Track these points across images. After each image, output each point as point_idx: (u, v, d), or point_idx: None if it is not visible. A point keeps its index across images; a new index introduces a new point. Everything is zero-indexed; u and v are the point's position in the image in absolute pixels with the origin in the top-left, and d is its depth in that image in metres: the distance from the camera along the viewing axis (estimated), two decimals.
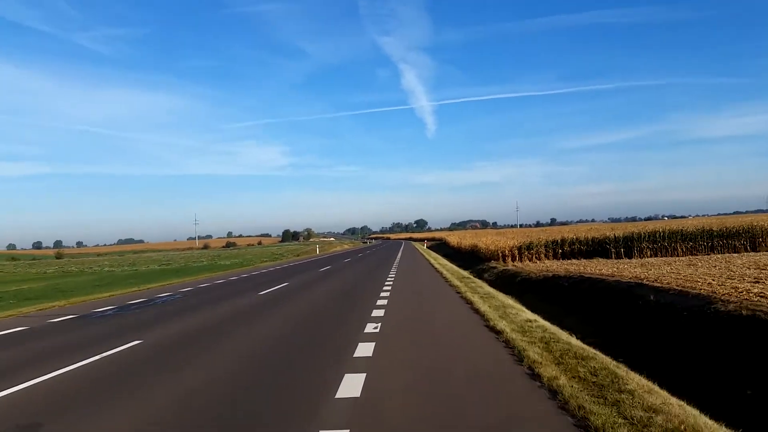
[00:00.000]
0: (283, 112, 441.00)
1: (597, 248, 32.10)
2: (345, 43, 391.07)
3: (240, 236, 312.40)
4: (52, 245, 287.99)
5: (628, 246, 30.36)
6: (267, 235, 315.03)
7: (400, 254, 46.29)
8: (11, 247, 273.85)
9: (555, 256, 32.59)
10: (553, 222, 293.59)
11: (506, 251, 32.68)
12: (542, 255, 32.55)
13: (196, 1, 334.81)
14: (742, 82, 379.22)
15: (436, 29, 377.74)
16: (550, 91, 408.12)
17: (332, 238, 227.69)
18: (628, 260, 28.00)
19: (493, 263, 31.52)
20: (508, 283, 23.27)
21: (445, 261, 36.56)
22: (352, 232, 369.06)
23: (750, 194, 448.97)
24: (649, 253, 29.78)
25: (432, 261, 33.49)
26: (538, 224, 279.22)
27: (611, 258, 29.95)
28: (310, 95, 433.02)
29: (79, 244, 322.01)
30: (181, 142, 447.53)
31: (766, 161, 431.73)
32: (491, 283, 24.35)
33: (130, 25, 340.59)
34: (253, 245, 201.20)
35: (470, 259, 41.86)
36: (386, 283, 18.86)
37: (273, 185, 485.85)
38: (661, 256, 29.10)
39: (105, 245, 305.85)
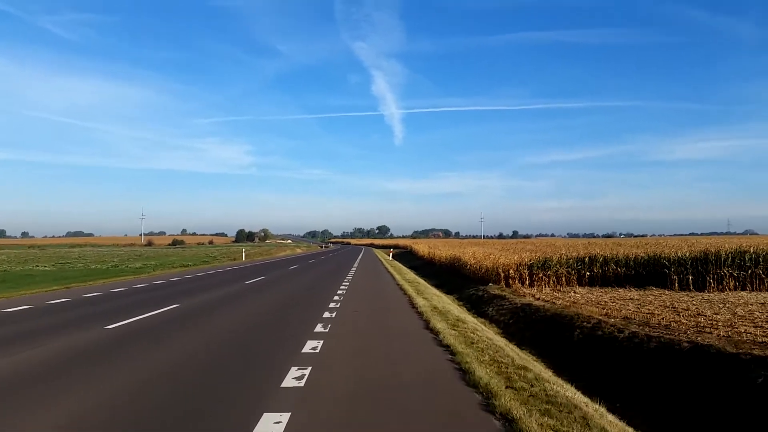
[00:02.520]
0: (250, 111, 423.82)
1: (640, 272, 21.80)
2: (318, 45, 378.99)
3: (194, 234, 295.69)
4: None
5: (698, 271, 20.07)
6: (223, 234, 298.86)
7: (355, 267, 32.96)
8: None
9: (581, 282, 22.10)
10: (515, 234, 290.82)
11: (511, 271, 21.94)
12: (563, 279, 21.98)
13: None
14: (701, 108, 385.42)
15: (409, 37, 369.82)
16: (516, 106, 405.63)
17: (289, 241, 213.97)
18: (706, 294, 17.72)
19: (493, 288, 20.68)
20: (544, 336, 12.44)
21: (422, 282, 25.12)
22: (312, 235, 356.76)
23: (705, 217, 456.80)
24: (732, 283, 19.52)
25: (403, 284, 20.89)
26: (500, 236, 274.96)
27: (674, 288, 19.62)
28: (278, 95, 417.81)
29: (24, 234, 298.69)
30: (142, 135, 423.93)
31: (721, 186, 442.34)
32: (509, 331, 13.55)
33: (97, 11, 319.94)
34: (203, 244, 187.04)
35: (449, 276, 31.05)
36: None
37: (235, 184, 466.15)
38: (755, 290, 18.91)
39: (53, 237, 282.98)
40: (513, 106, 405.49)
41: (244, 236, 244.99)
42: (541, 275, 21.70)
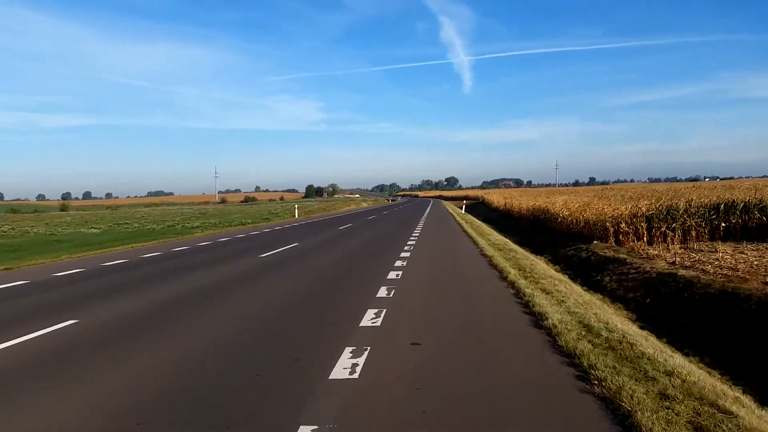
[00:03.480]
0: (320, 66, 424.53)
1: None
2: None
3: (266, 191, 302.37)
4: (81, 196, 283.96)
5: None
6: (293, 191, 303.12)
7: (421, 226, 26.28)
8: (40, 197, 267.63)
9: (713, 236, 17.04)
10: (592, 181, 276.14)
11: (623, 224, 17.18)
12: (692, 233, 16.99)
13: None
14: None
15: None
16: (592, 46, 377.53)
17: (357, 195, 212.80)
18: None
19: (600, 248, 16.11)
20: (716, 330, 8.06)
21: (515, 247, 18.76)
22: (381, 189, 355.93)
23: None
24: None
25: (492, 255, 13.64)
26: (576, 183, 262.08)
27: None
28: (347, 50, 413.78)
29: (108, 195, 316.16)
30: (218, 95, 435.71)
31: None
32: (646, 316, 9.27)
33: None
34: (274, 200, 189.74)
35: (533, 231, 26.49)
36: None
37: (306, 140, 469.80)
38: None
39: (135, 197, 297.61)
40: (589, 46, 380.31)
41: (313, 192, 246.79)
42: (663, 229, 16.81)
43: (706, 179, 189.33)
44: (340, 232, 24.80)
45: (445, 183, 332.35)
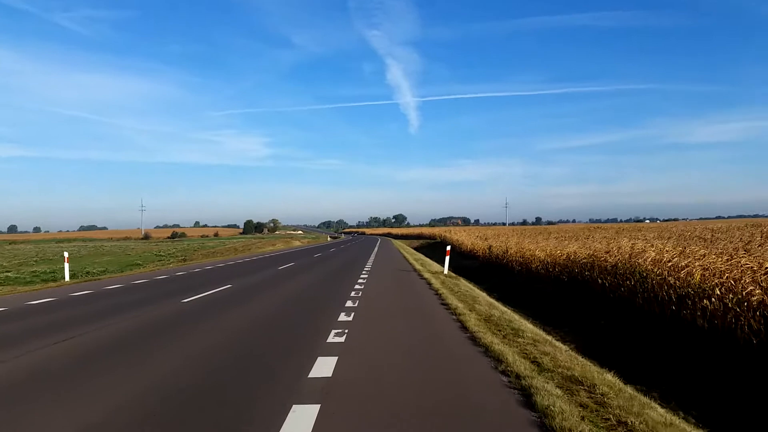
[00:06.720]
0: (266, 103, 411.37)
1: None
2: (332, 35, 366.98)
3: (206, 226, 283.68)
4: (6, 230, 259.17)
5: None
6: (234, 226, 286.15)
7: (357, 298, 11.44)
8: None
9: None
10: (538, 221, 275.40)
11: None
12: None
13: None
14: (724, 90, 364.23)
15: (425, 24, 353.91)
16: (536, 91, 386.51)
17: (300, 231, 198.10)
18: None
19: None
20: None
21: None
22: (327, 225, 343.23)
23: (729, 200, 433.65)
24: None
25: None
26: (524, 223, 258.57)
27: None
28: (294, 86, 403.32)
29: (36, 229, 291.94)
30: (160, 128, 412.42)
31: (745, 168, 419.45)
32: None
33: (112, 8, 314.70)
34: (207, 236, 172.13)
35: (571, 305, 13.70)
36: None
37: (251, 176, 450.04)
38: None
39: (67, 231, 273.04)
40: (531, 91, 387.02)
41: (252, 227, 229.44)
42: None
43: (646, 220, 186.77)
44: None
45: (393, 220, 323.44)
